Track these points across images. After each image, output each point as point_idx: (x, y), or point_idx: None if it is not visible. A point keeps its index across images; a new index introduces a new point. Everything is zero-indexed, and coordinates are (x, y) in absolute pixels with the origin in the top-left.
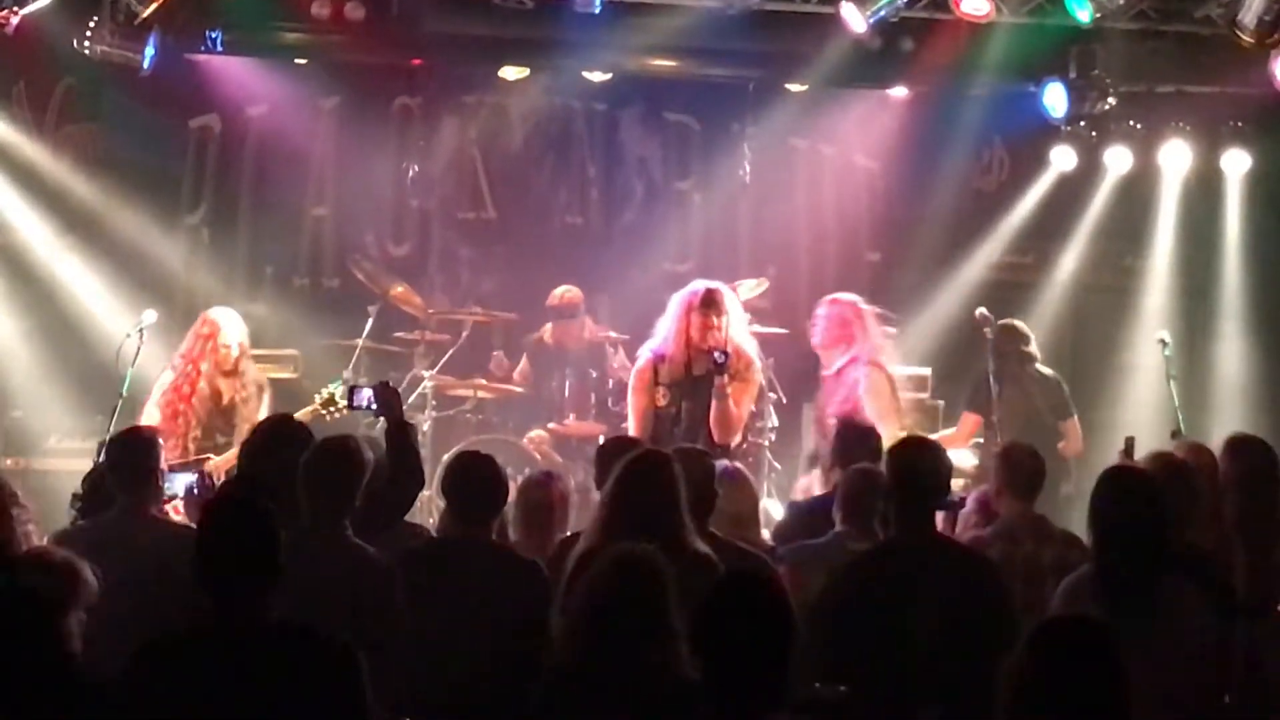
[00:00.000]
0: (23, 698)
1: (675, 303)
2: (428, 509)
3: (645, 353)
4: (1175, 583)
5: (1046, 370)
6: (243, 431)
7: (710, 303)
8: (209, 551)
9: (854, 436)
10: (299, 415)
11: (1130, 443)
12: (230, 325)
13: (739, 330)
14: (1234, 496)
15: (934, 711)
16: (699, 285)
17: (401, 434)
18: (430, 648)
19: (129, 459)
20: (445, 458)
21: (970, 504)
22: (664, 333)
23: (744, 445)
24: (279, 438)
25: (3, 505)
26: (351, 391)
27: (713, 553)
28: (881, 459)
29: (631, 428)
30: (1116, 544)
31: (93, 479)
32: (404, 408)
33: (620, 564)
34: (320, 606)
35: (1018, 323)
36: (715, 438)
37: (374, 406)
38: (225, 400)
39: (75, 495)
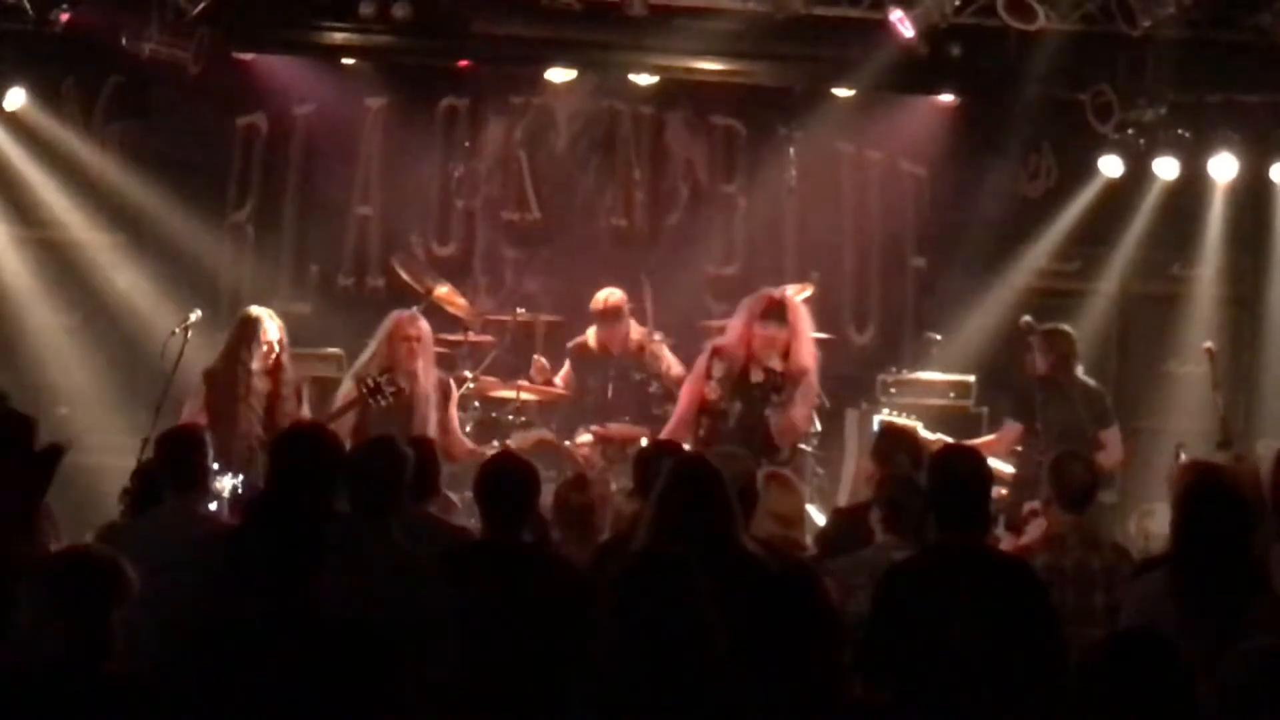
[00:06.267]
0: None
1: (742, 308)
2: (470, 509)
3: (709, 345)
4: (1257, 594)
5: (1089, 379)
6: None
7: (774, 314)
8: (249, 548)
9: (892, 441)
10: (341, 395)
11: (1178, 449)
12: (269, 324)
13: (804, 345)
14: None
15: None
16: (767, 293)
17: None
18: (468, 649)
19: (178, 456)
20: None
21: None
22: (730, 332)
23: (791, 453)
24: (309, 443)
25: None
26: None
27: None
28: (921, 463)
29: (675, 412)
30: (1199, 551)
31: (143, 475)
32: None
33: (649, 569)
34: (362, 603)
35: (1065, 327)
36: (775, 443)
37: None
38: (267, 400)
39: (125, 490)
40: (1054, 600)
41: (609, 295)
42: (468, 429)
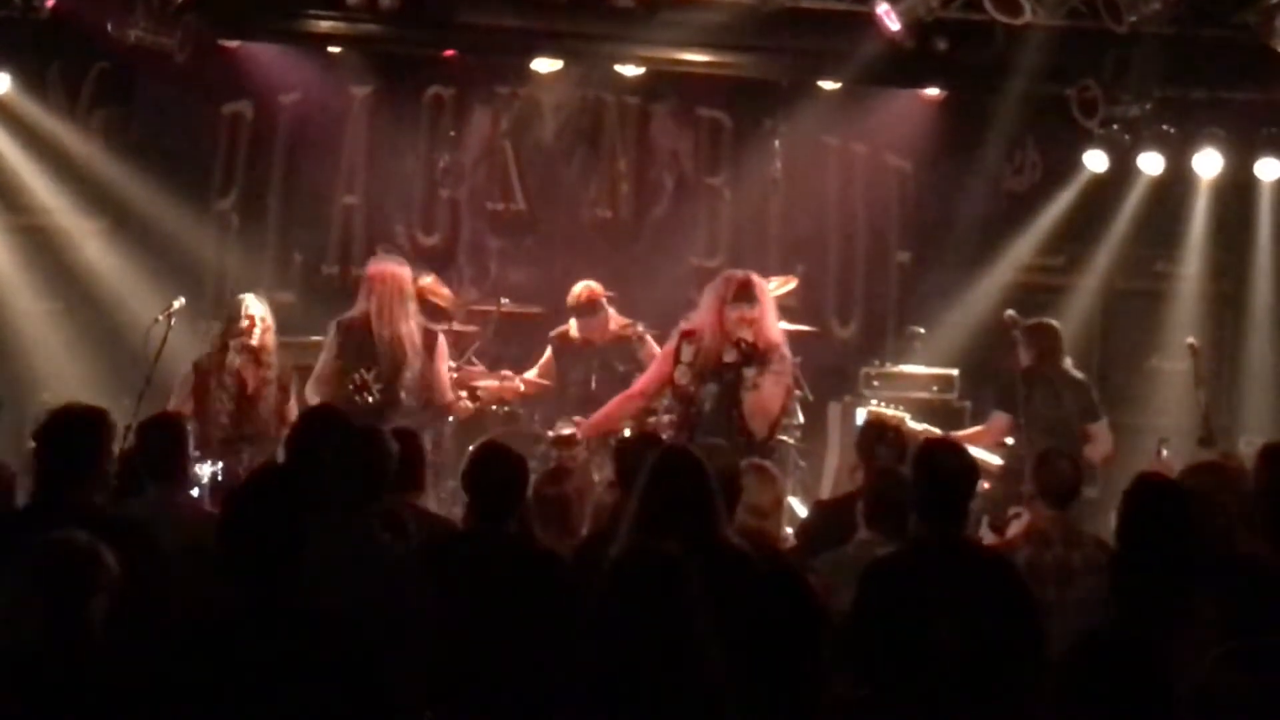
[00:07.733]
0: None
1: (709, 292)
2: (454, 499)
3: (679, 329)
4: (1201, 596)
5: (1076, 372)
6: (264, 423)
7: (743, 295)
8: (229, 538)
9: (876, 434)
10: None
11: (1160, 445)
12: (257, 312)
13: (771, 322)
14: (1266, 505)
15: None
16: (733, 274)
17: None
18: (451, 641)
19: (158, 445)
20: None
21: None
22: (698, 318)
23: (771, 441)
24: (323, 428)
25: None
26: None
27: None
28: (904, 457)
29: (637, 381)
30: (1137, 555)
31: (125, 463)
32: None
33: (640, 565)
34: (343, 595)
35: (1051, 321)
36: (748, 428)
37: None
38: (250, 390)
39: None
40: (1036, 595)
41: (584, 289)
42: (450, 419)
